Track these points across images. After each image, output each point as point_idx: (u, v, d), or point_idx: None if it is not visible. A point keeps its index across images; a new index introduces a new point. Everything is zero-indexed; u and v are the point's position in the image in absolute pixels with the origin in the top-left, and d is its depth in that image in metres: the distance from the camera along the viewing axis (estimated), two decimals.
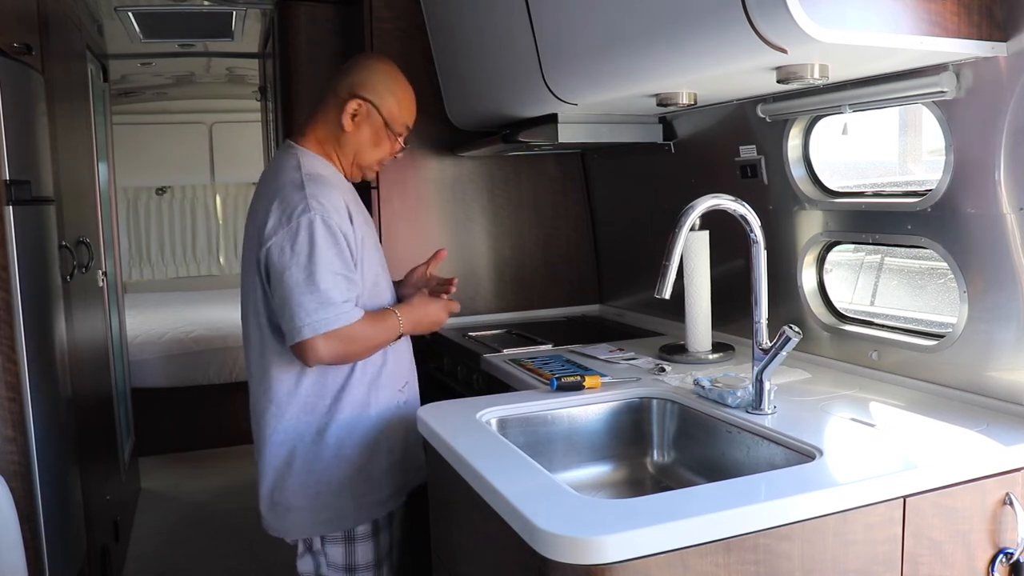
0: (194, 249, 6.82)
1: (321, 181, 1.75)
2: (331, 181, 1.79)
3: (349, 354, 1.75)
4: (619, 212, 2.95)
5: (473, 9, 2.35)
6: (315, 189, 1.71)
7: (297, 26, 3.12)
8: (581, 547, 1.09)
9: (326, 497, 1.81)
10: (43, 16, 2.46)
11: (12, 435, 2.01)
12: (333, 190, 1.75)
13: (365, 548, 1.85)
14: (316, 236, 1.67)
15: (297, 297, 1.66)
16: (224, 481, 4.34)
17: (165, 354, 4.78)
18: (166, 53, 4.49)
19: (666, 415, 1.80)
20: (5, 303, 1.99)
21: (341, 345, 1.70)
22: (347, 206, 1.76)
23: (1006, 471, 1.35)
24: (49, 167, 2.41)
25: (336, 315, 1.67)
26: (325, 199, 1.71)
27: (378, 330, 1.78)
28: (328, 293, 1.67)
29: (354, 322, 1.70)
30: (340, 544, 1.84)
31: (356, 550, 1.84)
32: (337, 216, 1.71)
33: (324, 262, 1.67)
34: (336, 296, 1.68)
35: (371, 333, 1.76)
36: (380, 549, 1.88)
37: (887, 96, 1.66)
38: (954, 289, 1.65)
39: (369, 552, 1.86)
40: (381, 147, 1.87)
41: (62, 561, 2.19)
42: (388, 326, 1.80)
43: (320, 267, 1.67)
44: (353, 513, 1.83)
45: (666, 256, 1.54)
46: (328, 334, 1.67)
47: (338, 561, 1.84)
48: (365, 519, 1.84)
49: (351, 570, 1.85)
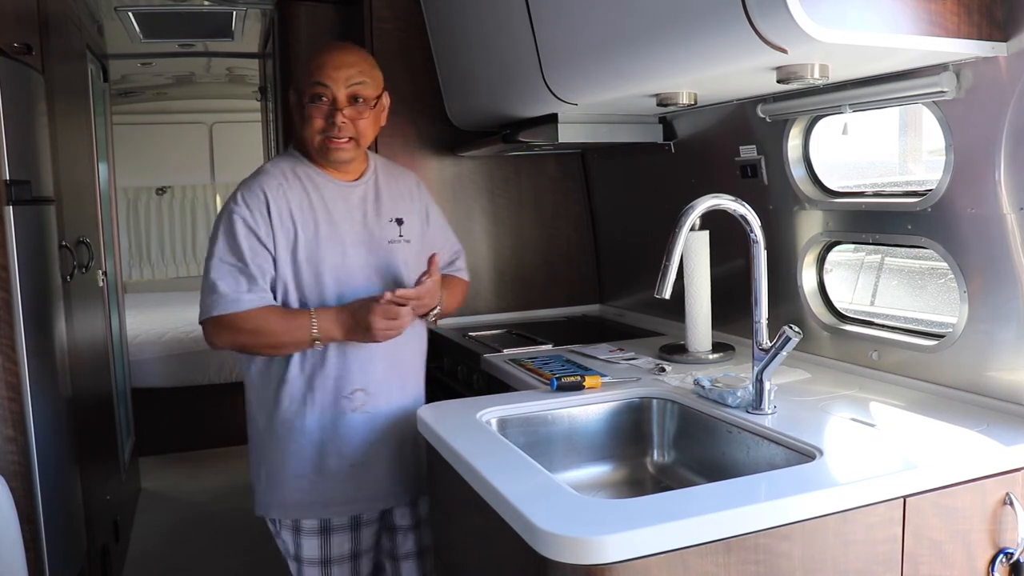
0: (194, 249, 6.81)
1: (258, 177, 1.81)
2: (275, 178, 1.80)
3: (243, 344, 1.78)
4: (619, 212, 2.95)
5: (473, 9, 2.35)
6: (244, 184, 1.81)
7: (297, 26, 3.12)
8: (581, 547, 1.09)
9: (274, 483, 1.84)
10: (43, 16, 2.46)
11: (12, 435, 2.01)
12: (258, 186, 1.79)
13: (311, 543, 1.84)
14: (219, 228, 1.77)
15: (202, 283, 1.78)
16: (224, 481, 4.34)
17: (165, 354, 4.77)
18: (166, 53, 4.49)
19: (666, 415, 1.80)
20: (5, 303, 1.99)
21: (228, 333, 1.75)
22: (267, 201, 1.76)
23: (1006, 471, 1.35)
24: (49, 167, 2.41)
25: (216, 303, 1.73)
26: (242, 194, 1.78)
27: (280, 326, 1.75)
28: (215, 283, 1.74)
29: (240, 311, 1.73)
30: (289, 532, 1.86)
31: (302, 542, 1.85)
32: (247, 211, 1.76)
33: (218, 253, 1.75)
34: (222, 286, 1.73)
35: (264, 326, 1.74)
36: (328, 549, 1.85)
37: (887, 96, 1.66)
38: (954, 289, 1.65)
39: (315, 548, 1.85)
40: (307, 120, 1.79)
41: (62, 561, 2.19)
42: (295, 325, 1.75)
43: (214, 258, 1.76)
44: (297, 506, 1.83)
45: (666, 256, 1.54)
46: (215, 319, 1.74)
47: (289, 549, 1.87)
48: (312, 516, 1.84)
49: (298, 560, 1.86)
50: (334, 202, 1.83)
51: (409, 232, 1.92)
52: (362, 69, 1.79)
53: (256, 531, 3.70)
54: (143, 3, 3.47)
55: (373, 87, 1.81)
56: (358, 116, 1.79)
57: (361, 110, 1.79)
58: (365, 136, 1.82)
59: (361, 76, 1.78)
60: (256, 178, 1.81)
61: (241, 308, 1.73)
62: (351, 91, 1.77)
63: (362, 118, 1.80)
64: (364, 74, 1.79)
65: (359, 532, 1.87)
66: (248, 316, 1.73)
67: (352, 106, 1.78)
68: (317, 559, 1.85)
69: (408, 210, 1.94)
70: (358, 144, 1.82)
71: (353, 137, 1.80)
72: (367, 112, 1.80)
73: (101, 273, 3.32)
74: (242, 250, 1.74)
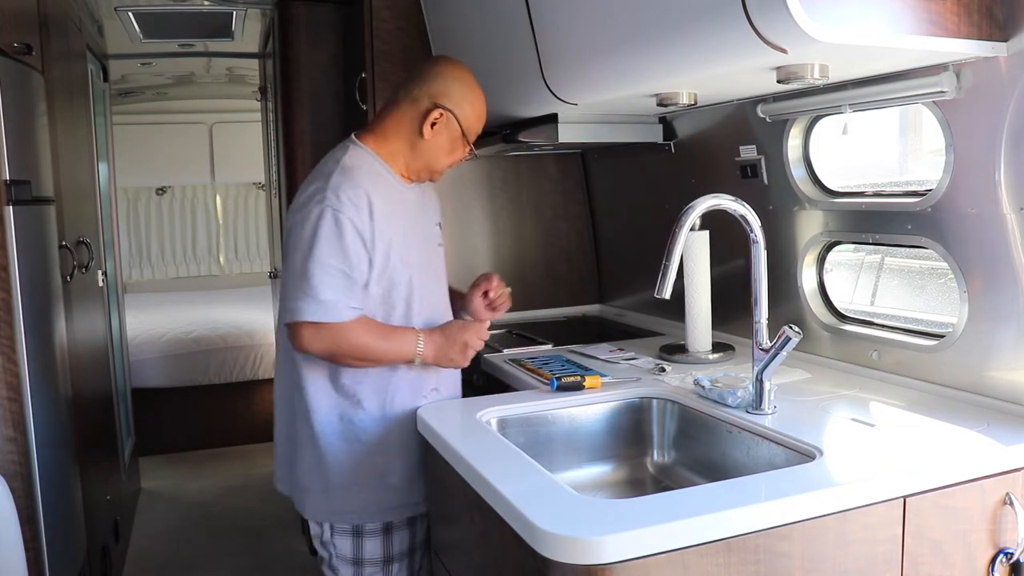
0: (194, 249, 6.81)
1: (352, 175, 1.74)
2: (367, 176, 1.76)
3: (338, 353, 1.72)
4: (619, 212, 2.95)
5: (473, 9, 2.35)
6: (339, 181, 1.71)
7: (297, 26, 3.12)
8: (581, 547, 1.09)
9: (336, 489, 1.80)
10: (43, 16, 2.46)
11: (12, 435, 2.01)
12: (359, 186, 1.72)
13: (374, 544, 1.83)
14: (320, 228, 1.67)
15: (292, 281, 1.70)
16: (224, 481, 4.34)
17: (165, 354, 4.77)
18: (166, 53, 4.48)
19: (666, 415, 1.80)
20: (5, 303, 1.99)
21: (327, 341, 1.69)
22: (370, 203, 1.72)
23: (1006, 471, 1.35)
24: (49, 167, 2.41)
25: (318, 309, 1.66)
26: (344, 193, 1.70)
27: (381, 343, 1.74)
28: (317, 288, 1.66)
29: (342, 322, 1.68)
30: (348, 537, 1.83)
31: (364, 544, 1.83)
32: (352, 211, 1.69)
33: (320, 256, 1.67)
34: (325, 293, 1.67)
35: (368, 341, 1.72)
36: (391, 547, 1.85)
37: (887, 96, 1.66)
38: (954, 289, 1.65)
39: (378, 548, 1.84)
40: (454, 154, 1.85)
41: (62, 561, 2.19)
42: (400, 341, 1.75)
43: (315, 260, 1.67)
44: (361, 510, 1.81)
45: (666, 256, 1.54)
46: (315, 325, 1.67)
47: (346, 553, 1.84)
48: (376, 519, 1.82)
49: (358, 563, 1.84)
50: (405, 204, 1.84)
51: (443, 236, 1.99)
52: None
53: (256, 531, 3.71)
54: (143, 3, 3.46)
55: None
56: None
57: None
58: None
59: None
60: (350, 177, 1.73)
61: (343, 318, 1.68)
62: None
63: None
64: None
65: (415, 527, 1.88)
66: (350, 328, 1.69)
67: None
68: (380, 558, 1.84)
69: (439, 214, 2.01)
70: None
71: None
72: None
73: (101, 273, 3.32)
74: (349, 254, 1.69)
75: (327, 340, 1.69)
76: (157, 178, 6.60)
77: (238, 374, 4.89)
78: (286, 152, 3.23)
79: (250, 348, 4.92)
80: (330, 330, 1.68)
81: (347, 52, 3.05)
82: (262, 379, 4.94)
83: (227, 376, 4.87)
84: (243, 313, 5.34)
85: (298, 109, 3.16)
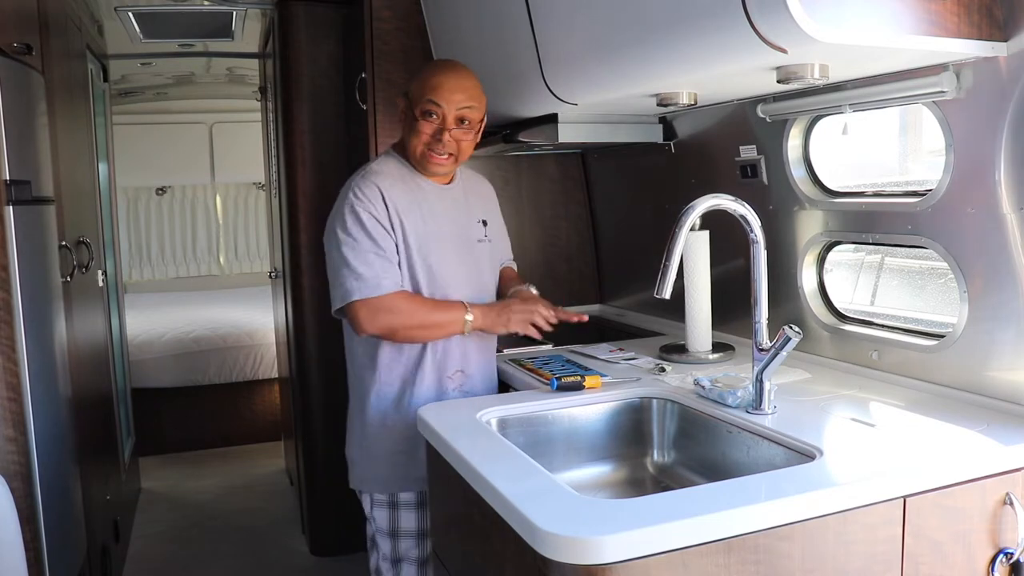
0: (194, 249, 6.81)
1: (369, 175, 1.91)
2: (386, 177, 1.91)
3: (396, 326, 1.85)
4: (619, 212, 2.95)
5: (473, 9, 2.35)
6: (358, 182, 1.90)
7: (297, 26, 3.12)
8: (581, 547, 1.09)
9: (374, 459, 1.96)
10: (43, 16, 2.46)
11: (12, 435, 2.01)
12: (373, 183, 1.88)
13: (408, 516, 1.96)
14: (346, 222, 1.85)
15: (333, 272, 1.87)
16: (224, 481, 4.34)
17: (165, 354, 4.77)
18: (166, 53, 4.48)
19: (666, 415, 1.80)
20: (5, 303, 1.99)
21: (381, 318, 1.83)
22: (384, 200, 1.87)
23: (1006, 471, 1.35)
24: (49, 167, 2.41)
25: (362, 286, 1.81)
26: (360, 190, 1.87)
27: (433, 311, 1.88)
28: (357, 269, 1.82)
29: (390, 293, 1.83)
30: (385, 508, 1.97)
31: (400, 516, 1.96)
32: (367, 203, 1.86)
33: (350, 243, 1.84)
34: (364, 271, 1.82)
35: (417, 308, 1.86)
36: (424, 521, 1.95)
37: (887, 96, 1.66)
38: (954, 289, 1.65)
39: (412, 520, 1.96)
40: (415, 131, 1.91)
41: (62, 561, 2.19)
42: (449, 308, 1.89)
43: (347, 248, 1.84)
44: (396, 480, 1.94)
45: (666, 256, 1.54)
46: (366, 304, 1.82)
47: (383, 526, 1.97)
48: (410, 488, 1.94)
49: (395, 535, 1.97)
50: (433, 203, 1.96)
51: (491, 233, 2.10)
52: (472, 95, 1.91)
53: (256, 531, 3.71)
54: (143, 3, 3.46)
55: (479, 111, 1.94)
56: (462, 137, 1.92)
57: (466, 132, 1.92)
58: (464, 153, 1.96)
59: (470, 101, 1.90)
60: (367, 176, 1.91)
61: (386, 290, 1.83)
62: (459, 114, 1.89)
63: (465, 139, 1.93)
64: (473, 99, 1.91)
65: None
66: (397, 299, 1.85)
67: (459, 127, 1.90)
68: (414, 531, 1.97)
69: (489, 211, 2.13)
70: (456, 160, 1.96)
71: (453, 154, 1.93)
72: (470, 134, 1.94)
73: (101, 273, 3.32)
74: (374, 237, 1.85)
75: (381, 316, 1.83)
76: (157, 178, 6.60)
77: (238, 374, 4.89)
78: (286, 152, 3.23)
79: (250, 348, 4.92)
80: (380, 305, 1.82)
81: (347, 52, 3.05)
82: (262, 379, 4.94)
83: (227, 376, 4.87)
84: (243, 313, 5.34)
85: (298, 109, 3.16)
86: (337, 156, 3.16)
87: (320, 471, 3.29)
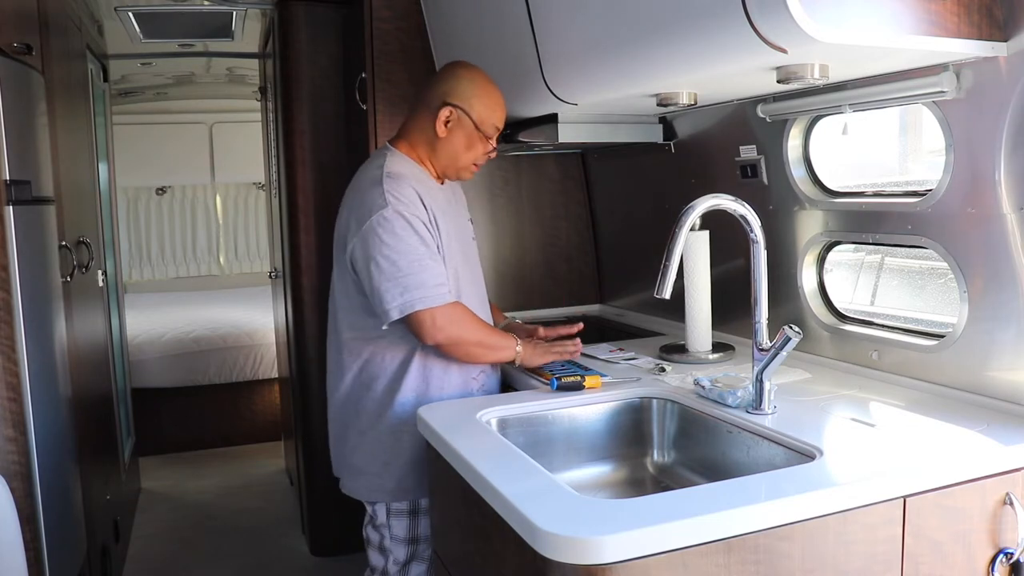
0: (194, 249, 6.81)
1: (400, 178, 1.85)
2: (412, 180, 1.87)
3: (460, 341, 1.83)
4: (619, 212, 2.95)
5: (473, 9, 2.35)
6: (393, 184, 1.83)
7: (297, 26, 3.12)
8: (581, 547, 1.09)
9: (398, 468, 1.89)
10: (43, 16, 2.46)
11: (12, 435, 2.01)
12: (409, 186, 1.84)
13: (427, 521, 1.91)
14: (396, 228, 1.78)
15: (387, 283, 1.77)
16: (224, 481, 4.34)
17: (165, 354, 4.77)
18: (166, 53, 4.48)
19: (666, 415, 1.80)
20: (5, 303, 1.99)
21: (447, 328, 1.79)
22: (422, 202, 1.85)
23: (1006, 471, 1.35)
24: (49, 167, 2.41)
25: (427, 295, 1.77)
26: (401, 193, 1.81)
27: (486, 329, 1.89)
28: (419, 278, 1.77)
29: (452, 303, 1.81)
30: (405, 517, 1.92)
31: (419, 523, 1.93)
32: (413, 208, 1.81)
33: (406, 251, 1.78)
34: (427, 279, 1.77)
35: (477, 325, 1.86)
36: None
37: (887, 96, 1.66)
38: (954, 289, 1.65)
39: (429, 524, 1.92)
40: (474, 149, 1.95)
41: (62, 561, 2.19)
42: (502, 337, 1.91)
43: (404, 256, 1.77)
44: (415, 487, 1.90)
45: (666, 256, 1.54)
46: (431, 314, 1.77)
47: (401, 534, 1.92)
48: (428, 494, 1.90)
49: (414, 541, 1.93)
50: (442, 203, 1.96)
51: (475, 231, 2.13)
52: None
53: (256, 531, 3.71)
54: (143, 3, 3.46)
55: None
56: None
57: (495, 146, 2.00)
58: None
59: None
60: (399, 179, 1.85)
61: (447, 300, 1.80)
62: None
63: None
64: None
65: None
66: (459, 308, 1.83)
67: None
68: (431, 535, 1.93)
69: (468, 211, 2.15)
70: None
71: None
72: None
73: (101, 273, 3.32)
74: (428, 243, 1.82)
75: (452, 327, 1.80)
76: (157, 178, 6.60)
77: (238, 374, 4.89)
78: (286, 152, 3.23)
79: (250, 348, 4.92)
80: (447, 314, 1.79)
81: (347, 52, 3.05)
82: (262, 379, 4.94)
83: (227, 376, 4.87)
84: (243, 313, 5.34)
85: (298, 109, 3.16)
86: (337, 156, 3.16)
87: (320, 471, 3.29)
